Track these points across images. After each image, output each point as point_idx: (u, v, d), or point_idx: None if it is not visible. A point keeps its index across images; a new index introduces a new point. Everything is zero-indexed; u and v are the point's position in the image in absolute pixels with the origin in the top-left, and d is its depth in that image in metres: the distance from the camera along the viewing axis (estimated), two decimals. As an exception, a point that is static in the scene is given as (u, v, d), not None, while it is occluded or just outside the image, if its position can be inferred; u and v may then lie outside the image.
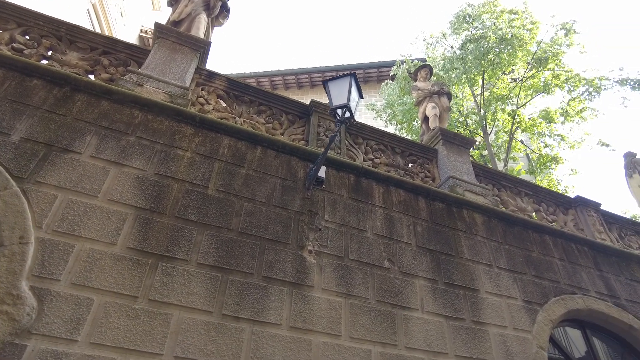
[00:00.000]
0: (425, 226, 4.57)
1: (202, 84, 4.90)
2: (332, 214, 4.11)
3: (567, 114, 10.80)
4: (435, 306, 3.97)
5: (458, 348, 3.79)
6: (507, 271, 4.70)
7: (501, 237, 5.02)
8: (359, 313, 3.58)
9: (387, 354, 3.46)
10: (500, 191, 6.09)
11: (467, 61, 10.23)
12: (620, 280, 5.63)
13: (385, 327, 3.60)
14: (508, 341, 4.10)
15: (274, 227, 3.74)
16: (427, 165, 5.74)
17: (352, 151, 5.18)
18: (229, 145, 4.12)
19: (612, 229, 6.89)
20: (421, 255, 4.28)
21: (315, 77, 17.01)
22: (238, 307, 3.20)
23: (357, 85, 3.95)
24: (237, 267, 3.39)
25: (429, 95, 6.81)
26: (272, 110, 5.07)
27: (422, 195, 4.86)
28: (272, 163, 4.20)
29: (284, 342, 3.18)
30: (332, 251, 3.85)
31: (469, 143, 6.03)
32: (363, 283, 3.78)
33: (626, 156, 8.99)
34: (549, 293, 4.81)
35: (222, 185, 3.80)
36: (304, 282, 3.54)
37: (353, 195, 4.40)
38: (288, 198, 4.01)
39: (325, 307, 3.49)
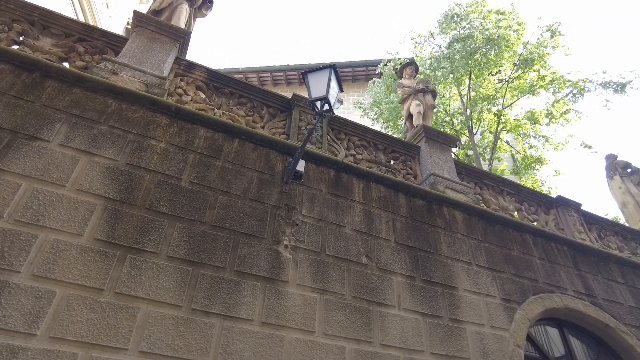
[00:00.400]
0: (404, 223, 4.53)
1: (181, 74, 4.79)
2: (310, 209, 4.04)
3: (552, 115, 10.88)
4: (412, 303, 3.92)
5: (434, 345, 3.76)
6: (487, 269, 4.68)
7: (481, 235, 5.00)
8: (334, 309, 3.52)
9: (361, 351, 3.40)
10: (483, 190, 6.08)
11: (454, 60, 10.25)
12: (598, 280, 5.66)
13: (361, 324, 3.55)
14: (485, 339, 4.07)
15: (249, 221, 3.66)
16: (410, 163, 5.70)
17: (333, 146, 5.12)
18: (205, 136, 4.03)
19: (591, 229, 6.93)
20: (399, 252, 4.24)
21: (291, 75, 16.90)
22: (208, 302, 3.12)
23: (337, 77, 3.88)
24: (209, 261, 3.30)
25: (413, 92, 6.78)
26: (253, 103, 4.98)
27: (403, 191, 4.81)
28: (249, 156, 4.12)
29: (255, 338, 3.10)
30: (309, 246, 3.78)
31: (452, 141, 6.00)
32: (339, 279, 3.72)
33: (607, 158, 9.08)
34: (527, 292, 4.81)
35: (197, 177, 3.71)
36: (279, 277, 3.47)
37: (332, 190, 4.33)
38: (265, 192, 3.93)
39: (300, 303, 3.42)
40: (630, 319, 5.44)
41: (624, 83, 10.11)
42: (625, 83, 10.10)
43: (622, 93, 10.13)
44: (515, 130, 11.21)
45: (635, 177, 8.54)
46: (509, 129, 11.20)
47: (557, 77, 10.64)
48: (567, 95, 10.57)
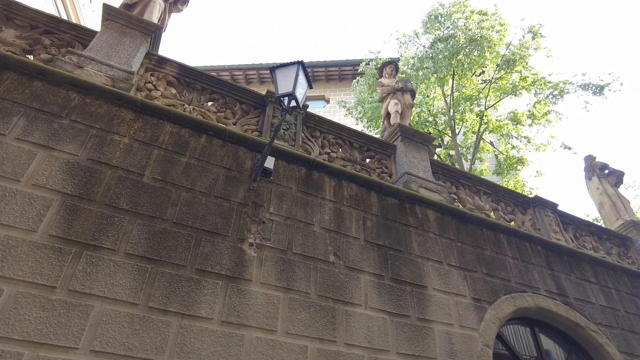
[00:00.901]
0: (375, 221, 4.50)
1: (152, 69, 4.71)
2: (279, 207, 4.00)
3: (534, 116, 10.96)
4: (379, 302, 3.90)
5: (400, 345, 3.73)
6: (458, 268, 4.68)
7: (454, 234, 4.99)
8: (298, 308, 3.48)
9: (324, 350, 3.37)
10: (459, 189, 6.08)
11: (437, 61, 10.26)
12: (570, 279, 5.69)
13: (325, 323, 3.51)
14: (453, 339, 4.06)
15: (213, 219, 3.60)
16: (385, 162, 5.68)
17: (308, 144, 5.07)
18: (171, 132, 3.96)
19: (567, 229, 6.98)
20: (369, 250, 4.21)
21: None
22: (167, 300, 3.06)
23: (306, 74, 3.84)
24: (169, 258, 3.24)
25: (392, 91, 6.76)
26: (225, 99, 4.92)
27: (375, 190, 4.79)
28: (217, 152, 4.06)
29: (214, 336, 3.05)
30: (275, 244, 3.73)
31: (428, 140, 6.00)
32: (305, 277, 3.68)
33: (586, 159, 9.16)
34: (499, 291, 4.81)
35: (160, 174, 3.64)
36: (241, 275, 3.41)
37: (302, 188, 4.29)
38: (231, 189, 3.88)
39: (262, 302, 3.37)
40: (600, 318, 5.48)
41: (603, 85, 10.22)
42: (603, 85, 10.21)
43: (601, 95, 10.23)
44: (497, 131, 11.28)
45: (612, 178, 8.62)
46: (491, 129, 11.26)
47: (539, 79, 10.71)
48: (548, 96, 10.65)
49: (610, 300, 5.87)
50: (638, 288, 6.44)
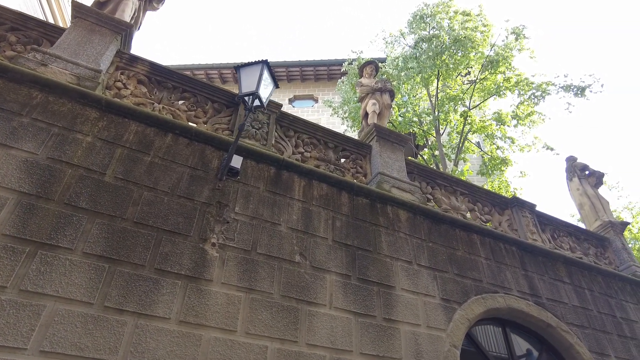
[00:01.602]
0: (345, 221, 4.50)
1: (123, 68, 4.68)
2: (244, 207, 3.98)
3: (518, 117, 11.01)
4: (345, 302, 3.89)
5: (364, 346, 3.73)
6: (428, 269, 4.68)
7: (425, 234, 5.00)
8: (259, 308, 3.47)
9: (285, 350, 3.36)
10: (435, 189, 6.09)
11: (420, 61, 10.27)
12: (544, 280, 5.72)
13: (287, 323, 3.50)
14: (420, 339, 4.07)
15: (174, 218, 3.58)
16: (360, 162, 5.68)
17: (281, 144, 5.06)
18: (136, 131, 3.93)
19: (545, 230, 7.01)
20: (336, 250, 4.21)
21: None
22: (123, 300, 3.03)
23: (271, 72, 3.83)
24: (127, 258, 3.21)
25: (371, 91, 6.76)
26: (197, 98, 4.90)
27: (346, 190, 4.78)
28: (182, 151, 4.04)
29: (170, 336, 3.03)
30: (239, 244, 3.72)
31: (404, 141, 6.00)
32: (269, 277, 3.67)
33: (568, 160, 9.22)
34: (469, 292, 4.83)
35: (122, 173, 3.61)
36: (202, 275, 3.40)
37: (271, 187, 4.28)
38: (196, 188, 3.86)
39: (223, 302, 3.36)
40: (572, 318, 5.52)
41: (584, 87, 10.29)
42: (585, 87, 10.28)
43: (582, 96, 10.30)
44: (481, 131, 11.32)
45: (592, 179, 8.68)
46: (474, 129, 11.30)
47: (522, 79, 10.77)
48: (529, 97, 10.70)
49: (583, 300, 5.91)
50: (612, 288, 6.48)
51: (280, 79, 17.03)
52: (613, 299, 6.32)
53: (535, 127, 11.04)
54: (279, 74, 16.80)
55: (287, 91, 16.84)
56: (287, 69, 16.60)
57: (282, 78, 16.99)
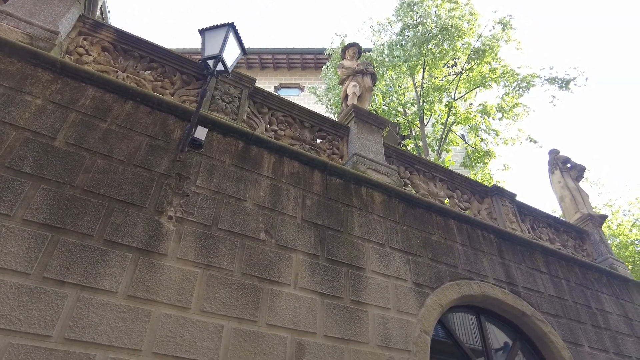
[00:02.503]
0: (316, 200, 4.31)
1: (86, 33, 4.41)
2: (207, 180, 3.76)
3: (503, 109, 10.92)
4: (311, 282, 3.71)
5: (329, 328, 3.55)
6: (401, 252, 4.52)
7: (400, 217, 4.84)
8: (217, 285, 3.26)
9: (242, 330, 3.16)
10: (413, 174, 5.94)
11: (406, 49, 10.11)
12: (521, 269, 5.62)
13: (247, 302, 3.30)
14: (389, 323, 3.91)
15: (129, 188, 3.35)
16: (337, 143, 5.49)
17: (253, 120, 4.84)
18: (94, 96, 3.68)
19: (525, 220, 6.93)
20: (305, 229, 4.02)
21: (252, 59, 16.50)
22: (65, 271, 2.80)
23: (238, 37, 3.60)
24: (74, 227, 2.98)
25: (352, 74, 6.57)
26: (165, 68, 4.65)
27: (319, 169, 4.59)
28: (142, 120, 3.80)
29: (116, 311, 2.82)
30: (199, 219, 3.50)
31: (383, 123, 5.83)
32: (229, 254, 3.46)
33: (551, 153, 9.16)
34: (443, 277, 4.68)
35: (74, 138, 3.37)
36: (156, 249, 3.18)
37: (237, 162, 4.06)
38: (155, 159, 3.63)
39: (177, 278, 3.15)
40: (548, 307, 5.43)
41: (568, 80, 10.25)
42: (569, 80, 10.24)
43: (567, 89, 10.25)
44: (465, 122, 11.21)
45: (574, 172, 8.63)
46: (458, 120, 11.19)
47: (508, 71, 10.67)
48: (514, 88, 10.62)
49: (560, 290, 5.83)
50: (588, 279, 6.42)
51: (266, 66, 16.74)
52: (589, 290, 6.25)
53: (520, 120, 10.98)
54: (265, 61, 16.51)
55: (273, 79, 16.56)
56: (273, 56, 16.30)
57: (268, 65, 16.69)
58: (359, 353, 3.56)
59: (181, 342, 2.91)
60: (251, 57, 16.29)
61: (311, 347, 3.37)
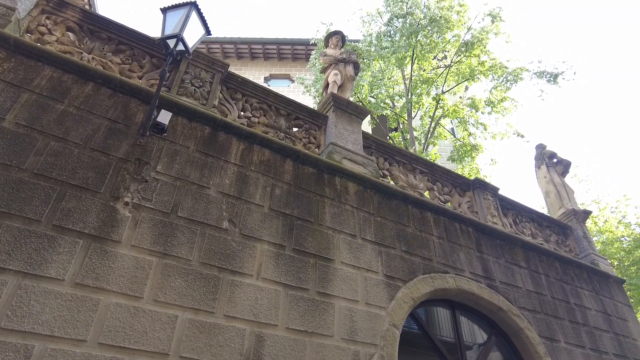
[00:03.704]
0: (286, 189, 4.19)
1: (50, 12, 4.23)
2: (169, 166, 3.63)
3: (492, 103, 10.81)
4: (275, 273, 3.60)
5: (292, 320, 3.45)
6: (373, 243, 4.42)
7: (374, 208, 4.73)
8: (173, 275, 3.15)
9: (198, 321, 3.05)
10: (392, 166, 5.83)
11: (395, 40, 9.95)
12: (499, 263, 5.53)
13: (204, 292, 3.19)
14: (356, 316, 3.81)
15: (84, 173, 3.21)
16: (314, 132, 5.35)
17: (225, 106, 4.70)
18: (51, 76, 3.53)
19: (508, 214, 6.85)
20: (272, 219, 3.90)
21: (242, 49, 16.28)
22: (7, 257, 2.67)
23: (202, 17, 3.46)
24: (19, 211, 2.84)
25: (334, 62, 6.42)
26: (134, 51, 4.49)
27: (292, 157, 4.47)
28: (103, 102, 3.65)
29: (61, 299, 2.69)
30: (157, 206, 3.37)
31: (363, 113, 5.70)
32: (188, 243, 3.34)
33: (537, 148, 9.08)
34: (417, 270, 4.59)
35: (26, 119, 3.22)
36: (109, 236, 3.05)
37: (203, 148, 3.93)
38: (114, 142, 3.49)
39: (130, 266, 3.02)
40: (525, 302, 5.35)
41: (557, 74, 10.15)
42: (557, 74, 10.14)
43: (555, 83, 10.16)
44: (453, 116, 11.10)
45: (560, 167, 8.55)
46: (446, 114, 11.07)
47: (496, 64, 10.55)
48: (501, 81, 10.50)
49: (538, 285, 5.76)
50: (568, 275, 6.36)
51: (256, 56, 16.51)
52: (569, 286, 6.19)
53: (509, 114, 10.89)
54: (256, 51, 16.28)
55: (264, 69, 16.34)
56: (263, 46, 16.07)
57: (258, 56, 16.46)
58: (322, 346, 3.46)
59: (131, 333, 2.79)
60: (241, 46, 16.05)
61: (271, 339, 3.26)
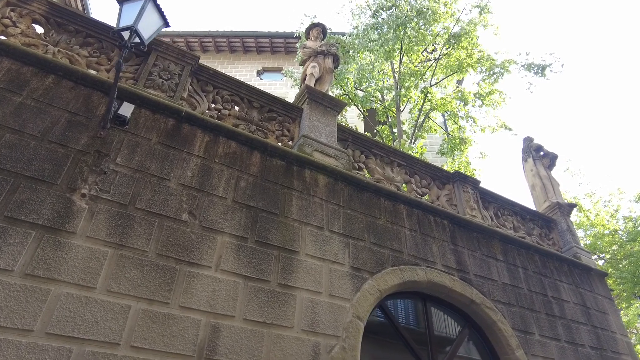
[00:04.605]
0: (251, 182, 4.19)
1: (14, 4, 4.23)
2: (128, 158, 3.64)
3: (481, 96, 10.75)
4: (235, 265, 3.61)
5: (251, 311, 3.46)
6: (341, 236, 4.42)
7: (345, 201, 4.73)
8: (128, 266, 3.16)
9: (151, 311, 3.07)
10: (369, 158, 5.81)
11: (382, 32, 9.88)
12: (475, 256, 5.53)
13: (160, 283, 3.21)
14: (318, 308, 3.82)
15: (40, 165, 3.23)
16: (288, 125, 5.35)
17: (195, 98, 4.70)
18: (9, 68, 3.54)
19: (488, 208, 6.83)
20: (235, 211, 3.91)
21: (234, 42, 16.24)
22: (-45, 248, 2.70)
23: (159, 9, 3.44)
24: (-30, 203, 2.87)
25: (313, 54, 6.40)
26: (102, 44, 4.49)
27: (259, 150, 4.46)
28: (64, 95, 3.66)
29: (9, 290, 2.71)
30: (114, 197, 3.39)
31: (338, 105, 5.68)
32: (145, 234, 3.35)
33: (525, 141, 9.03)
34: (385, 262, 4.59)
35: (-19, 111, 3.23)
36: (63, 227, 3.07)
37: (165, 140, 3.93)
38: (73, 135, 3.49)
39: (84, 256, 3.04)
40: (500, 295, 5.35)
41: (544, 66, 10.07)
42: (545, 66, 10.06)
43: (543, 76, 10.08)
44: (441, 109, 11.04)
45: (546, 160, 8.51)
46: (434, 107, 11.01)
47: (485, 56, 10.48)
48: (489, 74, 10.43)
49: (515, 278, 5.75)
50: (548, 268, 6.35)
51: (249, 50, 16.46)
52: (547, 279, 6.18)
53: (499, 107, 10.81)
54: (248, 44, 16.23)
55: (256, 63, 16.30)
56: (256, 40, 16.02)
57: (251, 49, 16.42)
58: (280, 337, 3.47)
59: (81, 322, 2.82)
60: (233, 40, 16.01)
61: (227, 330, 3.28)
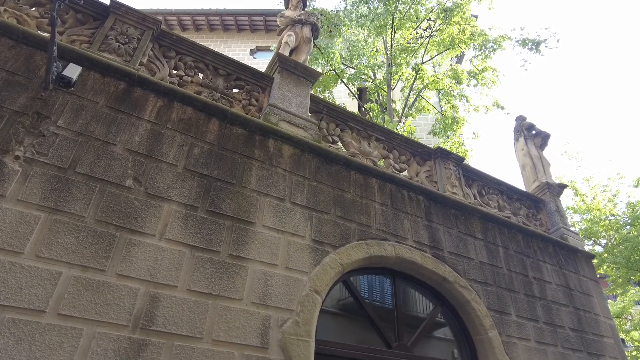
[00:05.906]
0: (207, 149, 4.01)
1: (-37, -39, 4.03)
2: (71, 121, 3.46)
3: (474, 74, 10.39)
4: (182, 234, 3.45)
5: (196, 282, 3.31)
6: (304, 208, 4.24)
7: (311, 173, 4.54)
8: (63, 231, 3.01)
9: (84, 278, 2.93)
10: (345, 132, 5.59)
11: (373, 8, 9.52)
12: (450, 233, 5.33)
13: (96, 250, 3.06)
14: (271, 280, 3.66)
15: (-31, 124, 3.07)
16: (257, 94, 5.13)
17: (155, 64, 4.49)
18: (-57, 24, 3.36)
19: (472, 185, 6.60)
20: (186, 179, 3.73)
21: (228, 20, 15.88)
22: None
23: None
24: None
25: (291, 23, 6.14)
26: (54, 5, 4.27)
27: (218, 117, 4.27)
28: (1, 54, 3.47)
29: None
30: (52, 161, 3.22)
31: (312, 75, 5.44)
32: (84, 200, 3.19)
33: (517, 120, 8.74)
34: (351, 236, 4.41)
35: None
36: (-9, 189, 2.92)
37: (114, 104, 3.74)
38: (9, 95, 3.31)
39: (13, 220, 2.89)
40: (476, 274, 5.17)
41: (539, 41, 9.68)
42: (540, 41, 9.68)
43: (537, 52, 9.70)
44: (433, 87, 10.70)
45: (538, 139, 8.23)
46: (426, 85, 10.68)
47: (477, 32, 10.10)
48: (481, 50, 10.06)
49: (494, 257, 5.56)
50: (531, 248, 6.14)
51: (243, 28, 16.11)
52: (529, 259, 5.98)
53: (494, 87, 10.47)
54: (242, 22, 15.88)
55: (250, 41, 15.98)
56: (249, 18, 15.67)
57: (245, 27, 16.07)
58: (227, 310, 3.33)
59: (2, 288, 2.67)
60: (227, 18, 15.66)
61: (168, 300, 3.14)
